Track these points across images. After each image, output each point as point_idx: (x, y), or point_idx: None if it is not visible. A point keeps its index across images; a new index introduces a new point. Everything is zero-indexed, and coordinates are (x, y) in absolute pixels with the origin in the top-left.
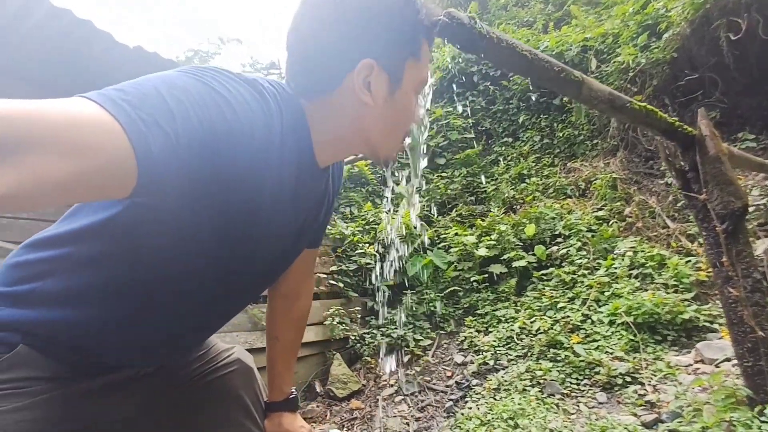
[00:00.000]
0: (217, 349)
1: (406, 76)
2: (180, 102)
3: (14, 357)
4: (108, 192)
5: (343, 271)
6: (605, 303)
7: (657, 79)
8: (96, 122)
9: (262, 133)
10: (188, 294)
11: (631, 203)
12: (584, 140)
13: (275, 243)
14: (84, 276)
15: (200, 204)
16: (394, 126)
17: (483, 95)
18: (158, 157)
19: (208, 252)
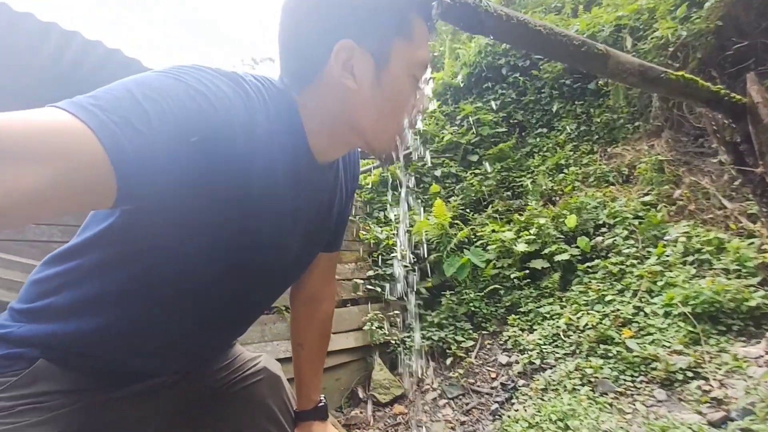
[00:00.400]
0: (243, 359)
1: (394, 57)
2: (154, 101)
3: (34, 371)
4: (89, 199)
5: (380, 276)
6: (658, 293)
7: (701, 51)
8: (64, 129)
9: (244, 125)
10: (196, 295)
11: (681, 185)
12: (624, 123)
13: (281, 241)
14: (93, 285)
15: (190, 201)
16: (385, 112)
17: (513, 87)
18: (136, 158)
19: (207, 250)
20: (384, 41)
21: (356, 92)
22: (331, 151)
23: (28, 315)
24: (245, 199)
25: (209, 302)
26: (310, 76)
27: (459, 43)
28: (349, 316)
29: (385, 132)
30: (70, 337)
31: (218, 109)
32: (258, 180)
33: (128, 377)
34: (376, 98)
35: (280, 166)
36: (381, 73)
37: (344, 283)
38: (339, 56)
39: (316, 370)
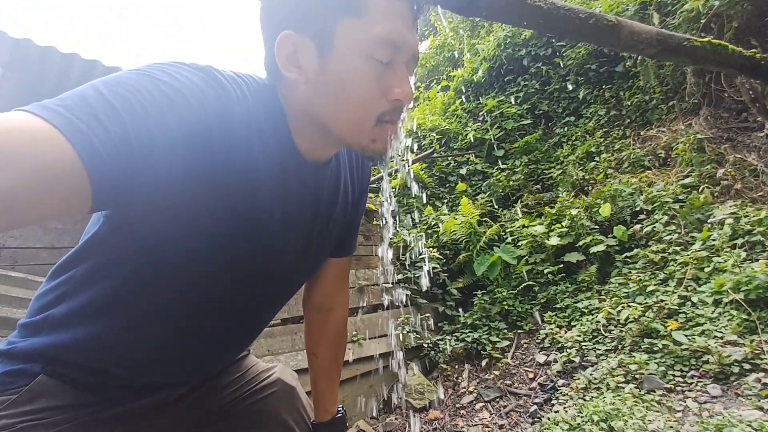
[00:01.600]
0: (257, 370)
1: (339, 39)
2: (122, 97)
3: (35, 387)
4: (63, 201)
5: (410, 279)
6: (706, 281)
7: (737, 19)
8: (25, 129)
9: (219, 116)
10: (188, 298)
11: (724, 164)
12: (658, 104)
13: (272, 238)
14: (86, 294)
15: (169, 195)
16: (340, 100)
17: (536, 77)
18: (108, 156)
19: (193, 246)
20: (325, 24)
21: (304, 83)
22: (318, 150)
23: (30, 329)
24: (226, 191)
25: (202, 306)
26: (273, 74)
27: (478, 39)
28: (379, 321)
29: (349, 125)
30: (67, 349)
31: (190, 101)
32: (238, 171)
33: (130, 392)
34: (324, 85)
35: (261, 158)
36: (324, 58)
37: (373, 288)
38: (281, 50)
39: (332, 380)
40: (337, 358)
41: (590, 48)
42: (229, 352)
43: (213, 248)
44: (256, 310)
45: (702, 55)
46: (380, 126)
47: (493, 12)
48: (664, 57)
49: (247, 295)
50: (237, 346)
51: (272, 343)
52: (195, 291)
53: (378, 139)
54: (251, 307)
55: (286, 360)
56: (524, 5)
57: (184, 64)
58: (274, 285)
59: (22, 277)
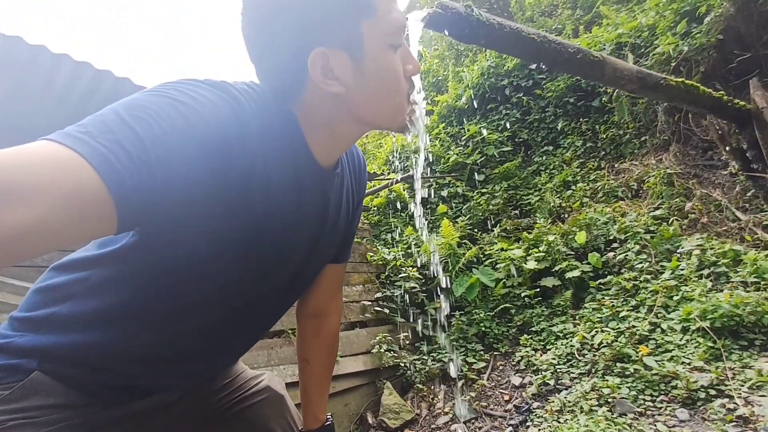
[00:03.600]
0: (246, 377)
1: (367, 42)
2: (143, 121)
3: (29, 384)
4: (90, 228)
5: (389, 297)
6: (675, 309)
7: (704, 65)
8: (51, 158)
9: (236, 133)
10: (202, 308)
11: (692, 198)
12: (631, 139)
13: (285, 248)
14: (101, 299)
15: (193, 215)
16: (380, 95)
17: (517, 107)
18: (132, 181)
19: (214, 261)
20: (351, 32)
21: (346, 93)
22: (334, 151)
23: (29, 324)
24: (246, 201)
25: (215, 315)
26: (298, 90)
27: (462, 66)
28: (357, 339)
29: (389, 113)
30: (70, 350)
31: (207, 120)
32: (256, 186)
33: (127, 394)
34: (366, 88)
35: (277, 170)
36: (360, 63)
37: (352, 306)
38: (315, 67)
39: (323, 387)
40: (329, 365)
41: (569, 82)
42: (230, 358)
43: (229, 261)
44: (260, 318)
45: (676, 94)
46: (410, 101)
47: (491, 41)
48: (642, 93)
49: (254, 303)
50: (238, 353)
51: (248, 356)
52: (211, 302)
53: (410, 113)
54: (256, 314)
55: None
56: (519, 37)
57: (198, 81)
58: (281, 291)
59: None
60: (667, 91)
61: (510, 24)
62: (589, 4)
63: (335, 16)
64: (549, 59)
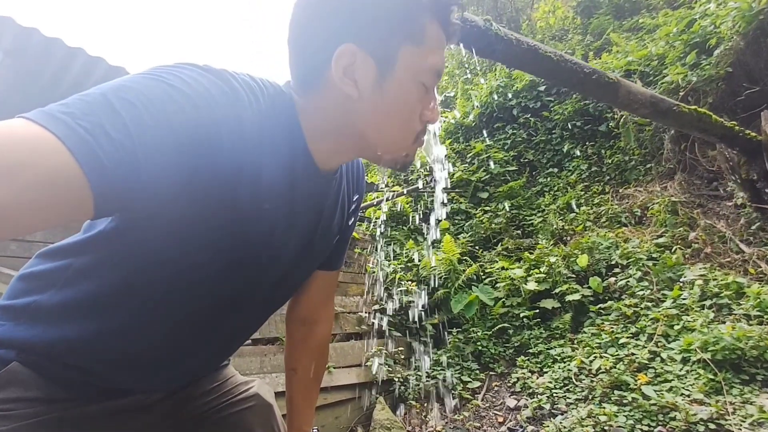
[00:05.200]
0: (235, 382)
1: (400, 64)
2: (131, 104)
3: (6, 375)
4: (64, 212)
5: (385, 310)
6: (675, 338)
7: (712, 96)
8: (26, 138)
9: (229, 123)
10: (183, 302)
11: (695, 228)
12: (636, 165)
13: (273, 246)
14: (81, 288)
15: (177, 205)
16: (390, 120)
17: (524, 127)
18: (112, 167)
19: (197, 253)
20: (389, 46)
21: (357, 99)
22: (336, 157)
23: (9, 312)
24: (234, 198)
25: (196, 311)
26: (313, 82)
27: (471, 85)
28: (351, 350)
29: (391, 142)
30: (49, 343)
31: (200, 108)
32: (247, 178)
33: (107, 392)
34: (378, 106)
35: (271, 165)
36: (384, 79)
37: (348, 316)
38: (340, 61)
39: (310, 399)
40: (318, 376)
41: (577, 105)
42: (211, 361)
43: (214, 255)
44: (243, 320)
45: (688, 121)
46: (415, 143)
47: (507, 57)
48: (654, 118)
49: (237, 303)
50: (219, 356)
51: (240, 362)
52: (189, 296)
53: (409, 152)
54: (243, 313)
55: None
56: (536, 54)
57: (196, 66)
58: (264, 294)
59: None
60: (679, 117)
61: (527, 41)
62: (599, 30)
63: (382, 24)
64: (564, 78)
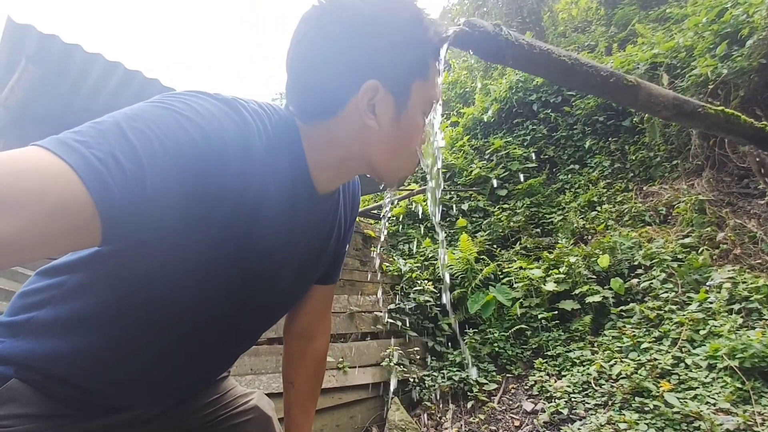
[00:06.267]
0: (234, 394)
1: (413, 98)
2: (143, 134)
3: (5, 392)
4: (72, 242)
5: (402, 309)
6: (701, 344)
7: (744, 89)
8: (38, 168)
9: (238, 153)
10: (181, 320)
11: (724, 228)
12: (661, 162)
13: (273, 270)
14: (77, 304)
15: (182, 232)
16: (399, 150)
17: (544, 123)
18: (122, 197)
19: (197, 275)
20: (405, 83)
21: (375, 131)
22: (337, 181)
23: (9, 329)
24: (237, 225)
25: (191, 330)
26: (329, 112)
27: (490, 80)
28: (368, 350)
29: (398, 168)
30: (47, 358)
31: (211, 138)
32: (250, 207)
33: (105, 407)
34: (392, 138)
35: (274, 194)
36: (400, 114)
37: (364, 316)
38: (365, 95)
39: (308, 411)
40: (315, 389)
41: (600, 101)
42: (207, 376)
43: (211, 280)
44: (238, 337)
45: (715, 122)
46: (412, 167)
47: (519, 62)
48: (678, 120)
49: (233, 322)
50: (214, 371)
51: (256, 362)
52: (183, 317)
53: (404, 174)
54: (240, 330)
55: (268, 380)
56: (549, 59)
57: (207, 95)
58: (261, 313)
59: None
60: (705, 119)
61: (540, 45)
62: (624, 21)
63: (401, 63)
64: (580, 82)
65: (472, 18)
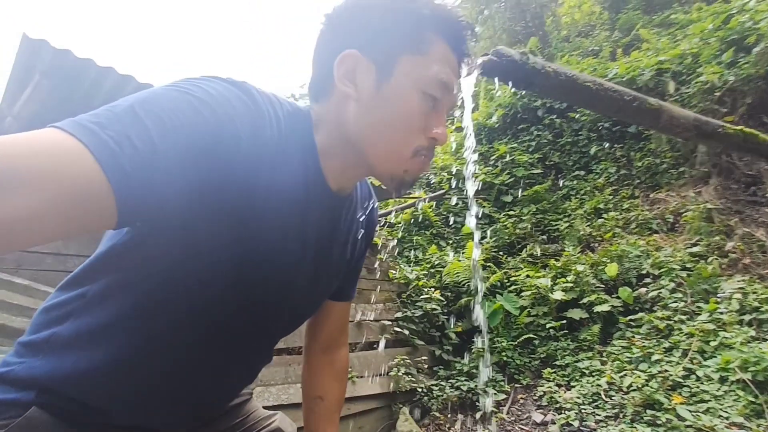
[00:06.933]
0: (257, 416)
1: (399, 70)
2: (156, 116)
3: (25, 423)
4: (89, 221)
5: (409, 318)
6: (712, 355)
7: (751, 96)
8: (58, 148)
9: (249, 135)
10: (195, 329)
11: (733, 237)
12: (668, 169)
13: (288, 265)
14: (95, 314)
15: (195, 215)
16: (384, 125)
17: (549, 129)
18: (136, 176)
19: (209, 272)
20: (391, 54)
21: (354, 100)
22: (344, 176)
23: (31, 349)
24: (249, 209)
25: (207, 333)
26: (323, 89)
27: (494, 85)
28: (375, 359)
29: (385, 151)
30: (68, 378)
31: (222, 120)
32: (262, 189)
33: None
34: (374, 109)
35: (285, 181)
36: (382, 84)
37: (371, 324)
38: (341, 65)
39: (335, 422)
40: (342, 398)
41: None
42: (229, 391)
43: (227, 268)
44: (258, 342)
45: (734, 142)
46: (416, 158)
47: (546, 89)
48: (698, 140)
49: (252, 323)
50: (236, 384)
51: (265, 373)
52: (202, 316)
53: (410, 170)
54: (253, 337)
55: (277, 392)
56: (575, 85)
57: (219, 78)
58: (280, 314)
59: (26, 284)
60: (724, 139)
61: (565, 71)
62: (628, 26)
63: (385, 35)
64: (604, 106)
65: (500, 47)
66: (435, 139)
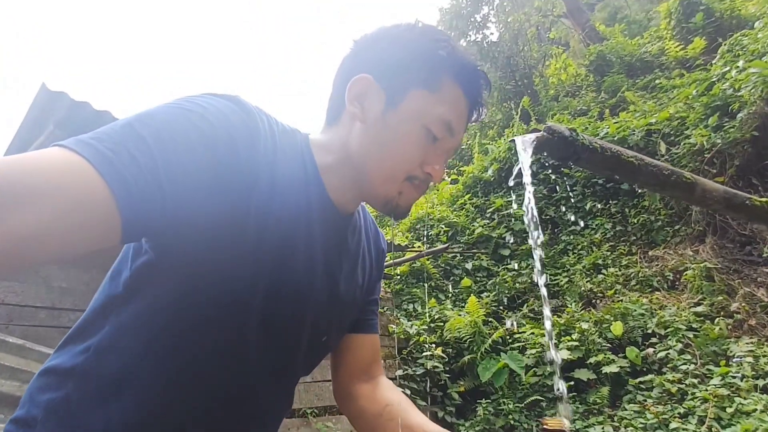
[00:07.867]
0: None
1: (407, 102)
2: (150, 128)
3: None
4: (95, 234)
5: (410, 376)
6: (729, 423)
7: (738, 159)
8: (57, 163)
9: (245, 142)
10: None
11: (735, 296)
12: (663, 226)
13: (302, 279)
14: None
15: (198, 221)
16: (384, 150)
17: (543, 183)
18: (137, 187)
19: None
20: (403, 85)
21: (360, 121)
22: (346, 194)
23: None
24: (249, 218)
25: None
26: (336, 112)
27: (487, 139)
28: None
29: (383, 171)
30: None
31: (216, 126)
32: (262, 198)
33: None
34: (377, 133)
35: (285, 188)
36: (389, 110)
37: None
38: (354, 86)
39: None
40: (409, 402)
41: None
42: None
43: (240, 281)
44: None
45: (760, 214)
46: (409, 182)
47: (592, 164)
48: (726, 212)
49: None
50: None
51: None
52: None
53: (404, 192)
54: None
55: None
56: (619, 161)
57: (213, 94)
58: (299, 333)
59: (20, 344)
60: (751, 211)
61: (611, 147)
62: (613, 88)
63: (400, 67)
64: (644, 180)
65: (551, 123)
66: (430, 174)
